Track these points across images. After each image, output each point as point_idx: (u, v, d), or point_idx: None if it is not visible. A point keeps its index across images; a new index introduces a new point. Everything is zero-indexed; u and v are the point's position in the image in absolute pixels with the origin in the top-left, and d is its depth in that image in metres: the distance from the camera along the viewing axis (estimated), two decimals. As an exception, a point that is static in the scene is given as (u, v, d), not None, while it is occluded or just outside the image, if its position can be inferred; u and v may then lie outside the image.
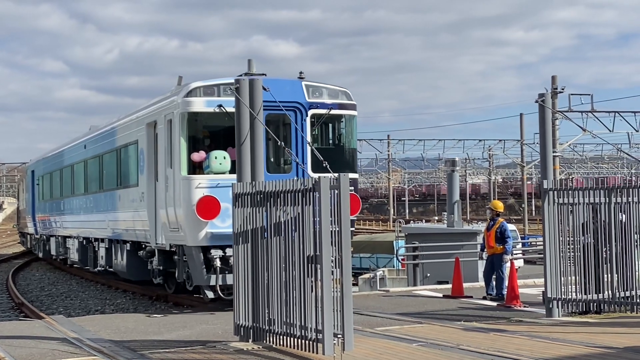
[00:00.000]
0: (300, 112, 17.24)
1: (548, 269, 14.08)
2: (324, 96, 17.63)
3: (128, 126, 21.07)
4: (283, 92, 16.66)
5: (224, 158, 16.49)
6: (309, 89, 17.48)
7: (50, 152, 34.40)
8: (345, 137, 18.14)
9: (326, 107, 17.55)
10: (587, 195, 14.08)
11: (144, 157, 19.12)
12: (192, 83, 16.92)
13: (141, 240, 19.85)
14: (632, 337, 11.73)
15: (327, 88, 17.71)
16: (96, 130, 25.56)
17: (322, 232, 10.47)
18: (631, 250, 13.89)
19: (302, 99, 17.32)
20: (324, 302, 10.39)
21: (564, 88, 38.32)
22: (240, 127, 12.48)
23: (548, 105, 15.49)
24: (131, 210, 20.34)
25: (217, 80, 16.95)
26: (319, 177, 10.79)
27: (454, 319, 14.26)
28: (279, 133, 17.50)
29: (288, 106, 16.79)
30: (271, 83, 16.36)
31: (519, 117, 58.55)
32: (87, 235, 26.07)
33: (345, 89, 17.88)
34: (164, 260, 18.83)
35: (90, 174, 25.67)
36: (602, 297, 14.06)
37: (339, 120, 18.00)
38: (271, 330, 11.32)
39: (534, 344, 11.31)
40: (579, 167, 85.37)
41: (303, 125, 17.14)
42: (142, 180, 19.24)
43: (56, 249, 32.30)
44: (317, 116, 17.47)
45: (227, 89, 16.06)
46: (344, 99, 17.88)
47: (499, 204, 18.27)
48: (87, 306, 21.33)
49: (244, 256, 11.91)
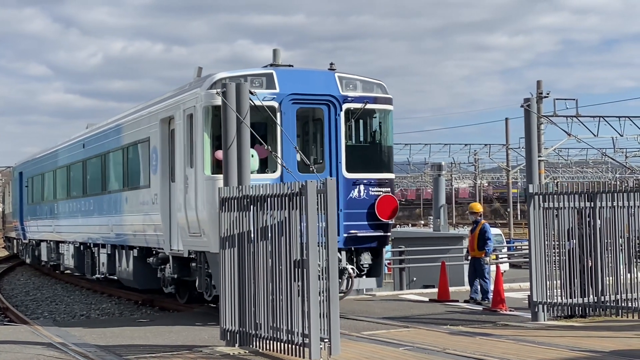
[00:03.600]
0: (334, 107, 15.61)
1: (533, 273, 14.14)
2: (358, 89, 16.01)
3: (137, 122, 19.24)
4: (314, 84, 15.62)
5: (252, 156, 14.62)
6: (342, 81, 15.83)
7: (42, 152, 32.11)
8: (381, 133, 16.58)
9: (361, 101, 15.85)
10: (572, 199, 14.15)
11: (157, 156, 17.46)
12: (217, 74, 15.32)
13: (152, 246, 18.16)
14: (617, 341, 11.79)
15: (361, 80, 16.13)
16: (97, 129, 23.62)
17: (308, 237, 10.49)
18: (616, 254, 13.95)
19: (335, 92, 15.64)
20: (310, 306, 10.39)
21: (549, 93, 38.46)
22: (227, 131, 12.48)
23: (533, 110, 15.56)
24: (141, 213, 18.69)
25: (243, 70, 15.44)
26: (305, 182, 10.80)
27: (440, 323, 14.29)
28: (308, 129, 16.39)
29: (320, 100, 15.60)
30: (301, 74, 15.81)
31: (504, 122, 58.79)
32: (84, 240, 24.31)
33: (380, 81, 16.31)
34: (178, 268, 17.06)
35: (90, 174, 23.86)
36: (587, 301, 14.12)
37: (374, 115, 16.40)
38: (258, 335, 11.31)
39: (520, 348, 11.35)
40: (564, 172, 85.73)
41: (337, 121, 15.58)
42: (155, 181, 17.63)
43: (47, 255, 30.33)
44: (351, 111, 15.83)
45: (256, 81, 15.05)
46: (379, 92, 16.21)
47: (477, 206, 18.49)
48: (72, 311, 21.20)
49: (231, 260, 11.90)
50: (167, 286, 17.96)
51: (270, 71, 15.34)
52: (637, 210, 13.88)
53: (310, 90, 15.38)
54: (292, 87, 15.21)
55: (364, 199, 15.49)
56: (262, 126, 15.55)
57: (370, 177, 15.64)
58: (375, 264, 15.73)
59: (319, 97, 15.53)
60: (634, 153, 62.13)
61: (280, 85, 15.13)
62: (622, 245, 14.12)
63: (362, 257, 15.52)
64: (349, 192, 15.40)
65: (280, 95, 15.08)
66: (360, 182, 15.53)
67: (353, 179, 15.48)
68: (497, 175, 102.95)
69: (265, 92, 14.96)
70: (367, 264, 15.56)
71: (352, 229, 15.30)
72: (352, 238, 15.33)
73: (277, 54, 16.13)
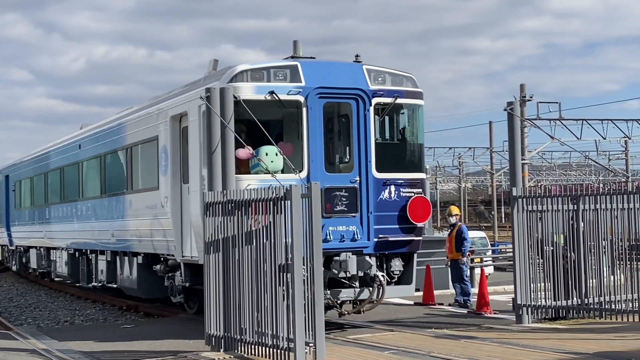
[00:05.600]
0: (363, 101, 14.35)
1: (518, 276, 14.19)
2: (387, 82, 14.77)
3: (143, 120, 17.76)
4: (341, 77, 14.41)
5: (276, 155, 13.69)
6: (370, 74, 14.60)
7: (31, 154, 30.27)
8: (412, 130, 15.36)
9: (391, 95, 14.60)
10: (555, 202, 14.22)
11: (167, 156, 16.08)
12: (238, 66, 14.12)
13: (161, 252, 16.72)
14: (601, 343, 11.85)
15: (390, 73, 14.93)
16: (95, 128, 21.95)
17: (293, 241, 10.49)
18: (599, 256, 14.03)
19: (364, 86, 14.40)
20: (295, 310, 10.39)
21: (532, 96, 38.60)
22: (211, 136, 12.43)
23: (517, 114, 15.63)
24: (148, 217, 17.24)
25: (265, 62, 14.32)
26: (290, 186, 10.79)
27: (425, 326, 14.32)
28: (332, 126, 15.07)
29: (348, 94, 14.35)
30: (326, 67, 14.54)
31: (487, 125, 59.00)
32: (80, 247, 22.80)
33: (410, 74, 15.17)
34: (191, 276, 15.49)
35: (87, 177, 22.35)
36: (571, 304, 14.18)
37: (404, 110, 15.20)
38: (243, 340, 11.30)
39: (505, 351, 11.40)
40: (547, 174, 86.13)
41: (366, 117, 14.33)
42: (165, 183, 16.19)
43: (37, 262, 28.65)
44: (381, 106, 14.61)
45: (279, 73, 13.97)
46: (409, 85, 14.99)
47: (455, 209, 18.67)
48: (56, 317, 21.08)
49: (215, 265, 11.89)
50: (175, 295, 16.63)
51: (295, 63, 14.20)
52: (620, 212, 13.96)
53: (338, 83, 14.25)
54: (318, 80, 14.08)
55: (395, 200, 14.33)
56: (282, 122, 14.91)
57: (401, 178, 14.50)
58: (407, 271, 14.59)
59: (347, 91, 14.36)
60: (617, 156, 62.50)
61: (306, 78, 13.98)
62: (605, 248, 14.21)
63: (392, 263, 14.41)
64: (379, 193, 14.23)
65: (306, 89, 13.91)
66: (391, 183, 14.37)
67: (383, 179, 14.31)
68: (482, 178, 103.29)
69: (290, 85, 13.87)
70: (397, 271, 14.44)
71: (383, 233, 14.18)
72: (383, 243, 14.19)
73: (298, 46, 14.88)
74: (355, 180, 14.03)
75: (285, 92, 13.74)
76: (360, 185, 14.03)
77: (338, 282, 13.79)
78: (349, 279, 13.77)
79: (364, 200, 13.99)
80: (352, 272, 13.64)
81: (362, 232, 13.95)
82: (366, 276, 13.91)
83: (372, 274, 13.90)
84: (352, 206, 13.86)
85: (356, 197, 13.92)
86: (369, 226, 14.00)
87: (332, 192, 13.73)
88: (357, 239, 13.88)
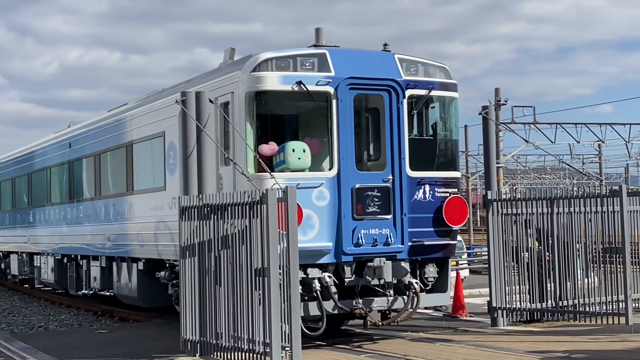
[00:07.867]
0: (396, 93, 13.20)
1: (493, 279, 14.27)
2: (420, 73, 13.63)
3: (147, 116, 16.34)
4: (373, 67, 13.23)
5: (303, 151, 12.59)
6: (402, 64, 13.44)
7: (12, 155, 28.52)
8: (446, 125, 14.17)
9: (425, 87, 13.46)
10: (529, 205, 14.32)
11: (175, 153, 14.57)
12: (261, 54, 12.86)
13: (167, 257, 15.31)
14: (575, 345, 11.95)
15: (423, 63, 13.74)
16: (88, 125, 20.39)
17: (269, 245, 10.48)
18: (574, 259, 14.14)
19: (397, 76, 13.26)
20: (271, 315, 10.38)
21: (507, 100, 38.84)
22: (186, 140, 12.31)
23: (492, 118, 15.73)
24: (152, 220, 15.85)
25: (291, 50, 12.99)
26: (266, 190, 10.75)
27: (401, 329, 14.34)
28: (361, 119, 13.92)
29: (380, 85, 13.19)
30: (356, 55, 13.37)
31: (463, 129, 59.31)
32: (69, 252, 21.35)
33: (443, 64, 13.99)
34: None
35: (78, 177, 20.71)
36: (545, 306, 14.28)
37: (437, 103, 14.01)
38: (218, 345, 11.27)
39: (480, 354, 11.46)
40: (522, 178, 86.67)
41: (399, 110, 13.17)
42: (172, 183, 14.76)
43: (19, 268, 26.90)
44: (414, 99, 13.45)
45: (306, 62, 12.81)
46: (443, 76, 13.81)
47: None
48: (30, 322, 20.88)
49: (191, 270, 11.85)
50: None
51: (323, 51, 13.02)
52: (593, 215, 14.08)
53: (370, 73, 13.07)
54: (348, 70, 12.94)
55: (429, 201, 13.24)
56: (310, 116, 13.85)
57: (436, 176, 13.40)
58: (441, 277, 13.50)
59: (379, 82, 13.17)
60: (591, 159, 63.05)
61: (335, 68, 12.84)
62: (580, 251, 14.32)
63: (426, 269, 13.31)
64: (414, 193, 13.11)
65: (336, 79, 12.78)
66: (425, 182, 13.26)
67: (418, 178, 13.19)
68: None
69: (319, 75, 12.73)
70: (432, 277, 13.33)
71: (418, 237, 13.06)
72: (418, 247, 13.07)
73: (321, 33, 13.56)
74: (389, 179, 12.95)
75: (314, 82, 12.62)
76: (393, 184, 12.94)
77: (369, 289, 12.80)
78: (382, 286, 12.74)
79: (397, 200, 12.91)
80: (388, 279, 12.62)
81: (395, 236, 12.85)
82: (400, 283, 12.86)
83: (407, 281, 12.84)
84: (385, 207, 12.81)
85: (389, 198, 12.86)
86: (403, 229, 12.92)
87: (364, 192, 12.71)
88: (390, 243, 12.79)
